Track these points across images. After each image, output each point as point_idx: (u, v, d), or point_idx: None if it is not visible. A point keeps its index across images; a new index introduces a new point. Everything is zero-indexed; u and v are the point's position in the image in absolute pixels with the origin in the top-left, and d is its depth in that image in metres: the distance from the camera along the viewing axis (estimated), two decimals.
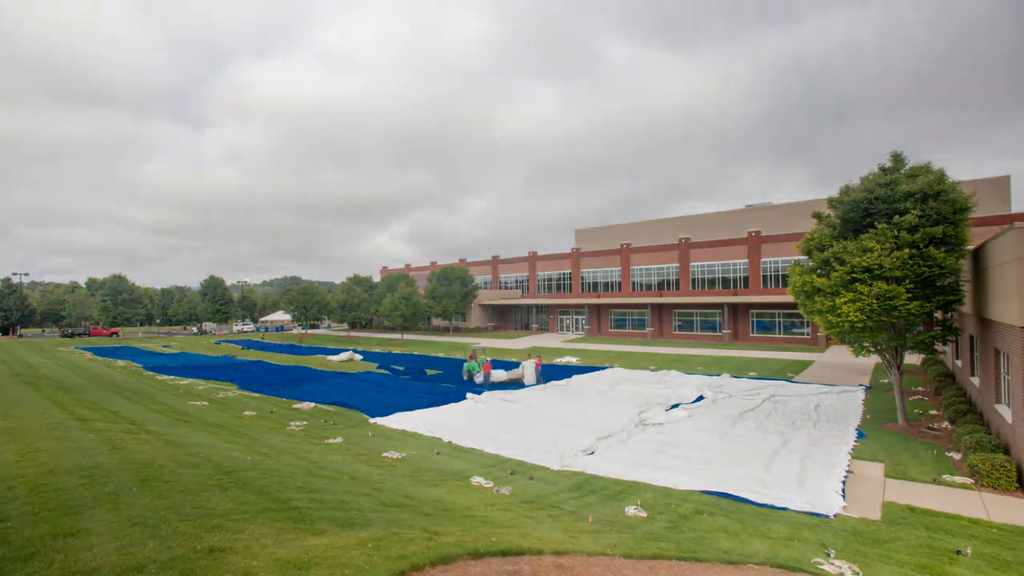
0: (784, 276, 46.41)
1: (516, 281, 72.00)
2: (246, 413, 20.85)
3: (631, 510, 10.50)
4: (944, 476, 12.57)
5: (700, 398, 23.05)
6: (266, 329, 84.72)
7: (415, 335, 64.81)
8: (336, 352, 45.60)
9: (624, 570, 6.35)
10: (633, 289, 58.05)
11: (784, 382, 26.96)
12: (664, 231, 60.00)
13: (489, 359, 29.56)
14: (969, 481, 12.21)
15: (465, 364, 30.34)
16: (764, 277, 48.83)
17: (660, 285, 56.11)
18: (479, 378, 27.78)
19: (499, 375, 28.12)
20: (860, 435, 16.59)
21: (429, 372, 33.67)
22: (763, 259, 48.77)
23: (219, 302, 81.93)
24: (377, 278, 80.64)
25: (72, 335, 71.51)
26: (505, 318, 70.34)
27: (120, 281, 78.99)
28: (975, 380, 17.97)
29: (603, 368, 33.02)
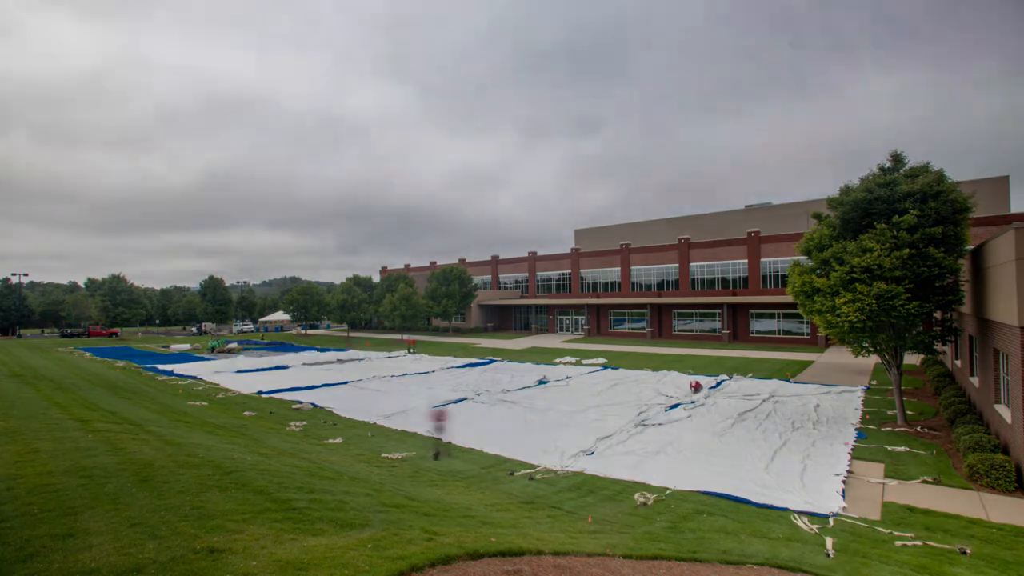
0: (784, 276, 46.46)
1: (516, 281, 71.97)
2: (245, 413, 20.85)
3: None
4: (943, 476, 12.58)
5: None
6: (265, 329, 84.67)
7: (415, 335, 64.77)
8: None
9: (624, 570, 6.35)
10: (632, 289, 58.06)
11: (783, 382, 26.97)
12: (663, 231, 60.07)
13: (225, 341, 49.74)
14: (968, 481, 12.22)
15: (212, 342, 55.28)
16: (764, 277, 48.84)
17: (659, 285, 56.12)
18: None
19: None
20: (860, 435, 16.60)
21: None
22: (763, 259, 48.79)
23: (218, 303, 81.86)
24: (377, 278, 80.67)
25: (71, 335, 71.46)
26: (505, 319, 70.32)
27: (119, 282, 78.85)
28: (974, 380, 17.97)
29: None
